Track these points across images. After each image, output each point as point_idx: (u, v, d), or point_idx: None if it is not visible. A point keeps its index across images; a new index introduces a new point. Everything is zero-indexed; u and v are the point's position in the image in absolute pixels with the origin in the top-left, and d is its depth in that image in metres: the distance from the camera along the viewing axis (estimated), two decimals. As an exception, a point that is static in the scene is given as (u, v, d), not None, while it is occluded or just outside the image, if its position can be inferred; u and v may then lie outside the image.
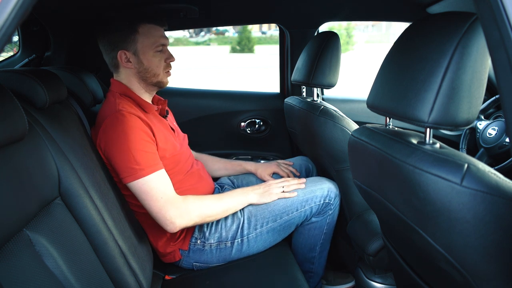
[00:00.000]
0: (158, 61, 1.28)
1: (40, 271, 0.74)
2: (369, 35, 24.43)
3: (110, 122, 1.15)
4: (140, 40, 1.24)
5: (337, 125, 1.32)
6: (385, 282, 1.29)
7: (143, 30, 1.24)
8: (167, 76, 1.33)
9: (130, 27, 1.23)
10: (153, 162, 1.16)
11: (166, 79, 1.34)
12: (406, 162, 0.69)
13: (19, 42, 1.79)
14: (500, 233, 0.60)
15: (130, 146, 1.13)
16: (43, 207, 0.83)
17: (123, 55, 1.25)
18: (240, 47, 20.40)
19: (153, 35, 1.25)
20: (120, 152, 1.13)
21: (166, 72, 1.33)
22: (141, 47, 1.25)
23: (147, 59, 1.26)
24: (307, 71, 1.47)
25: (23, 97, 0.93)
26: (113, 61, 1.28)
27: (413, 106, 0.68)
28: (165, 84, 1.34)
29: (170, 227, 1.16)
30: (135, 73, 1.28)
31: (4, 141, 0.68)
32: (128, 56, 1.25)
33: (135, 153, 1.13)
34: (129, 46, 1.24)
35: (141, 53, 1.25)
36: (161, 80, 1.31)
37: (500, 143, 1.39)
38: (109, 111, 1.19)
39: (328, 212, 1.38)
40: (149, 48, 1.26)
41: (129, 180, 1.14)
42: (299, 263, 1.46)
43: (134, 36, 1.23)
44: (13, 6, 0.49)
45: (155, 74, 1.29)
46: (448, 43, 0.65)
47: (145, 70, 1.27)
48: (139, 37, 1.24)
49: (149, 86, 1.32)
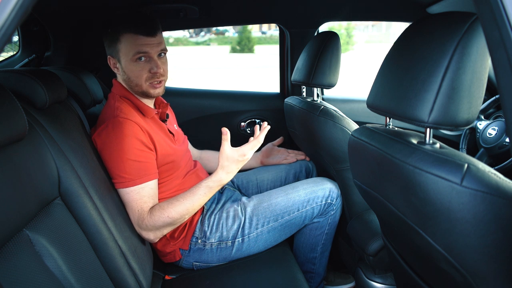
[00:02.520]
0: (138, 71, 1.21)
1: (40, 271, 0.74)
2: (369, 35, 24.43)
3: (106, 127, 1.16)
4: (122, 49, 1.21)
5: (337, 125, 1.32)
6: (385, 282, 1.29)
7: (124, 38, 1.19)
8: (153, 87, 1.24)
9: (113, 35, 1.21)
10: (142, 173, 1.15)
11: (151, 90, 1.24)
12: (406, 162, 0.69)
13: (19, 42, 1.79)
14: (500, 233, 0.60)
15: (122, 155, 1.13)
16: (43, 207, 0.83)
17: (111, 60, 1.26)
18: (240, 47, 20.41)
19: (132, 43, 1.19)
20: (112, 158, 1.14)
21: (151, 84, 1.23)
22: (122, 56, 1.22)
23: (127, 68, 1.22)
24: (307, 71, 1.47)
25: (23, 97, 0.93)
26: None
27: (413, 106, 0.68)
28: (152, 94, 1.26)
29: (147, 239, 1.20)
30: (122, 80, 1.27)
31: (4, 141, 0.68)
32: (114, 62, 1.25)
33: (125, 162, 1.13)
34: (114, 54, 1.24)
35: (123, 62, 1.22)
36: (146, 90, 1.24)
37: (500, 143, 1.39)
38: (108, 115, 1.19)
39: (330, 212, 1.38)
40: (127, 57, 1.20)
41: (117, 186, 1.16)
42: (301, 263, 1.47)
43: (117, 44, 1.21)
44: (13, 6, 0.49)
45: (137, 84, 1.24)
46: (448, 43, 0.65)
47: (128, 79, 1.24)
48: (121, 46, 1.20)
49: (138, 94, 1.28)
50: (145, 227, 1.16)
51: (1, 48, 0.51)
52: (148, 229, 1.16)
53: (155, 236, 1.19)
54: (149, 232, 1.17)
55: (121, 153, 1.13)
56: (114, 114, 1.18)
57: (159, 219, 1.16)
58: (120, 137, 1.14)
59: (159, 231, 1.18)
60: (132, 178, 1.14)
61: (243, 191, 1.64)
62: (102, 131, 1.16)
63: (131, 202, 1.16)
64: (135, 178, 1.15)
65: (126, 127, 1.15)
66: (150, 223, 1.15)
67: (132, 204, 1.16)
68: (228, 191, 1.48)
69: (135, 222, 1.16)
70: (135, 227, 1.17)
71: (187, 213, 1.20)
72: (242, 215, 1.32)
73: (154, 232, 1.17)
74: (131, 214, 1.16)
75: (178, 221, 1.19)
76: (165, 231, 1.20)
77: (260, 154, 1.72)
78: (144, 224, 1.16)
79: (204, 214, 1.34)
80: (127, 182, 1.14)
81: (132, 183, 1.14)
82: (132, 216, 1.16)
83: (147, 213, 1.16)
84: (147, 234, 1.17)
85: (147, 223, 1.16)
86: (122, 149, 1.13)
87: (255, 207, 1.33)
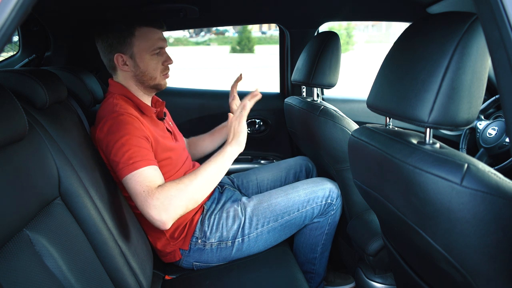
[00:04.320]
0: (155, 64, 1.27)
1: (40, 271, 0.74)
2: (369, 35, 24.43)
3: (107, 122, 1.15)
4: (137, 44, 1.23)
5: (337, 125, 1.32)
6: (385, 282, 1.29)
7: (139, 33, 1.22)
8: (164, 78, 1.32)
9: (126, 30, 1.22)
10: (144, 157, 1.10)
11: (164, 82, 1.32)
12: (406, 162, 0.69)
13: (19, 42, 1.79)
14: (500, 233, 0.60)
15: (124, 142, 1.11)
16: (43, 207, 0.83)
17: (119, 58, 1.24)
18: (240, 47, 20.41)
19: (149, 38, 1.24)
20: (113, 147, 1.12)
21: (164, 75, 1.31)
22: (137, 51, 1.23)
23: (143, 62, 1.25)
24: (307, 71, 1.47)
25: (23, 97, 0.93)
26: (110, 63, 1.27)
27: (413, 106, 0.68)
28: (163, 86, 1.32)
29: (159, 224, 1.04)
30: (132, 76, 1.27)
31: (4, 141, 0.68)
32: (124, 59, 1.24)
33: (128, 148, 1.10)
34: (126, 50, 1.23)
35: (138, 56, 1.24)
36: (159, 82, 1.30)
37: (500, 143, 1.39)
38: (107, 111, 1.18)
39: (330, 212, 1.38)
40: (146, 51, 1.24)
41: (122, 176, 1.09)
42: (301, 263, 1.47)
43: (131, 39, 1.22)
44: (13, 6, 0.49)
45: (152, 77, 1.28)
46: (448, 43, 0.65)
47: (141, 73, 1.26)
48: (136, 40, 1.22)
49: (147, 89, 1.31)
50: (154, 205, 1.02)
51: (1, 48, 0.51)
52: (158, 207, 1.02)
53: (168, 216, 1.03)
54: (160, 211, 1.02)
55: (122, 140, 1.11)
56: (113, 110, 1.17)
57: (171, 188, 1.04)
58: (121, 126, 1.13)
59: (171, 206, 1.03)
60: (134, 161, 1.08)
61: (243, 191, 1.64)
62: (103, 125, 1.15)
63: (136, 186, 1.06)
64: (137, 161, 1.08)
65: (126, 119, 1.14)
66: (161, 196, 1.03)
67: (136, 187, 1.05)
68: (228, 191, 1.48)
69: (143, 204, 1.03)
70: (144, 212, 1.04)
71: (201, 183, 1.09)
72: (242, 215, 1.32)
73: (166, 210, 1.02)
74: (137, 198, 1.04)
75: (192, 191, 1.07)
76: (178, 210, 1.04)
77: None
78: (154, 200, 1.02)
79: (204, 214, 1.34)
80: (129, 166, 1.08)
81: (133, 166, 1.07)
82: (138, 199, 1.04)
83: (156, 188, 1.05)
84: (158, 214, 1.02)
85: (157, 197, 1.03)
86: (122, 137, 1.11)
87: (255, 207, 1.33)
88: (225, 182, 1.59)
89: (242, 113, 1.16)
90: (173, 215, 1.04)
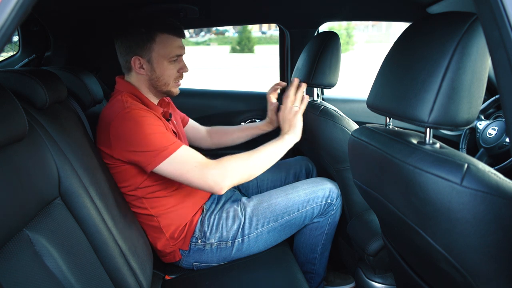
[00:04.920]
0: (171, 71, 1.28)
1: (40, 271, 0.74)
2: (369, 35, 24.43)
3: (121, 120, 1.14)
4: (156, 49, 1.23)
5: (337, 125, 1.32)
6: (385, 282, 1.29)
7: (160, 39, 1.23)
8: (176, 86, 1.33)
9: (147, 34, 1.22)
10: (173, 140, 1.16)
11: (175, 89, 1.33)
12: (406, 162, 0.69)
13: (19, 42, 1.79)
14: (500, 233, 0.60)
15: (146, 132, 1.12)
16: (43, 207, 0.83)
17: (137, 61, 1.25)
18: (240, 47, 20.41)
19: (169, 45, 1.24)
20: (138, 143, 1.12)
21: (176, 83, 1.32)
22: (156, 56, 1.24)
23: (160, 68, 1.26)
24: (307, 71, 1.47)
25: (23, 97, 0.93)
26: (127, 64, 1.28)
27: (413, 106, 0.68)
28: (174, 93, 1.33)
29: (216, 189, 1.14)
30: (147, 79, 1.28)
31: (4, 141, 0.68)
32: (142, 62, 1.25)
33: (153, 137, 1.12)
34: (144, 53, 1.24)
35: (155, 61, 1.25)
36: (170, 89, 1.31)
37: (500, 143, 1.39)
38: (117, 108, 1.17)
39: (330, 212, 1.38)
40: (164, 57, 1.25)
41: (157, 163, 1.12)
42: (301, 264, 1.47)
43: (151, 44, 1.23)
44: (13, 6, 0.49)
45: (165, 83, 1.29)
46: (448, 43, 0.65)
47: (156, 78, 1.27)
48: (155, 46, 1.23)
49: (158, 93, 1.32)
50: (213, 173, 1.13)
51: (1, 48, 0.51)
52: (217, 175, 1.13)
53: (225, 184, 1.14)
54: (218, 179, 1.13)
55: (145, 131, 1.12)
56: (124, 106, 1.17)
57: (228, 159, 1.17)
58: (139, 119, 1.13)
59: (229, 174, 1.15)
60: (168, 146, 1.13)
61: (243, 191, 1.64)
62: (119, 122, 1.14)
63: (184, 164, 1.13)
64: (170, 144, 1.13)
65: (140, 112, 1.16)
66: (218, 165, 1.15)
67: (184, 166, 1.13)
68: (228, 191, 1.48)
69: (200, 179, 1.13)
70: (199, 185, 1.14)
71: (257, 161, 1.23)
72: (242, 215, 1.32)
73: (224, 177, 1.14)
74: (191, 174, 1.12)
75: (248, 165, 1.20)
76: (235, 178, 1.16)
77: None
78: (211, 169, 1.13)
79: (204, 214, 1.34)
80: (165, 151, 1.12)
81: (170, 149, 1.12)
82: (193, 175, 1.12)
83: (209, 161, 1.15)
84: (217, 182, 1.13)
85: (214, 166, 1.14)
86: (145, 128, 1.12)
87: (255, 207, 1.33)
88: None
89: (300, 107, 1.36)
90: (229, 182, 1.15)
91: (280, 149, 1.30)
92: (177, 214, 1.29)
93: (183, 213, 1.30)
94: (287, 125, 1.36)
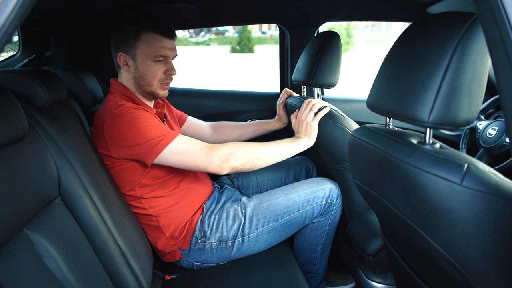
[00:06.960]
0: (154, 71, 1.26)
1: (40, 271, 0.74)
2: (369, 35, 24.42)
3: (114, 117, 1.15)
4: (140, 47, 1.24)
5: (337, 124, 1.32)
6: (385, 282, 1.29)
7: (145, 37, 1.23)
8: (162, 88, 1.30)
9: (133, 31, 1.23)
10: (169, 130, 1.18)
11: (161, 91, 1.31)
12: (406, 162, 0.69)
13: (19, 42, 1.79)
14: (500, 233, 0.60)
15: (141, 126, 1.13)
16: (43, 207, 0.83)
17: (122, 57, 1.26)
18: (240, 47, 20.40)
19: (154, 44, 1.24)
20: (134, 137, 1.13)
21: (161, 85, 1.29)
22: (139, 54, 1.24)
23: (143, 66, 1.25)
24: (308, 71, 1.47)
25: (23, 97, 0.93)
26: (115, 61, 1.30)
27: (413, 106, 0.68)
28: (160, 95, 1.31)
29: (222, 169, 1.18)
30: (132, 78, 1.29)
31: (4, 141, 0.68)
32: (127, 59, 1.26)
33: (148, 129, 1.14)
34: (129, 50, 1.25)
35: (139, 59, 1.25)
36: (155, 91, 1.29)
37: (500, 143, 1.39)
38: (110, 107, 1.19)
39: (330, 212, 1.38)
40: (147, 56, 1.24)
41: (156, 152, 1.13)
42: (301, 264, 1.47)
43: (135, 41, 1.23)
44: (13, 6, 0.49)
45: (148, 83, 1.28)
46: (448, 43, 0.65)
47: (139, 77, 1.27)
48: (140, 44, 1.23)
49: (144, 94, 1.31)
50: (219, 154, 1.17)
51: (1, 48, 0.51)
52: (222, 156, 1.17)
53: (228, 164, 1.18)
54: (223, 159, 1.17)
55: (141, 125, 1.14)
56: (118, 105, 1.18)
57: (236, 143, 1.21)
58: (132, 114, 1.15)
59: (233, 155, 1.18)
60: (167, 135, 1.15)
61: (243, 191, 1.64)
62: (111, 119, 1.15)
63: (187, 149, 1.16)
64: (168, 133, 1.16)
65: (132, 110, 1.17)
66: (224, 147, 1.19)
67: (189, 149, 1.16)
68: (228, 191, 1.48)
69: (205, 160, 1.16)
70: (205, 166, 1.17)
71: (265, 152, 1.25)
72: (242, 215, 1.32)
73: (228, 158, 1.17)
74: (196, 158, 1.16)
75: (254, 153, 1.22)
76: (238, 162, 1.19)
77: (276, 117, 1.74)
78: (217, 150, 1.17)
79: (204, 214, 1.34)
80: (165, 140, 1.14)
81: (169, 137, 1.15)
82: (198, 158, 1.16)
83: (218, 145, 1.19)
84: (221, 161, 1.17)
85: (221, 148, 1.18)
86: (140, 122, 1.14)
87: (255, 207, 1.33)
88: (225, 182, 1.59)
89: (320, 113, 1.34)
90: (233, 164, 1.19)
91: (291, 150, 1.31)
92: (177, 214, 1.29)
93: (183, 212, 1.30)
94: (303, 128, 1.36)
